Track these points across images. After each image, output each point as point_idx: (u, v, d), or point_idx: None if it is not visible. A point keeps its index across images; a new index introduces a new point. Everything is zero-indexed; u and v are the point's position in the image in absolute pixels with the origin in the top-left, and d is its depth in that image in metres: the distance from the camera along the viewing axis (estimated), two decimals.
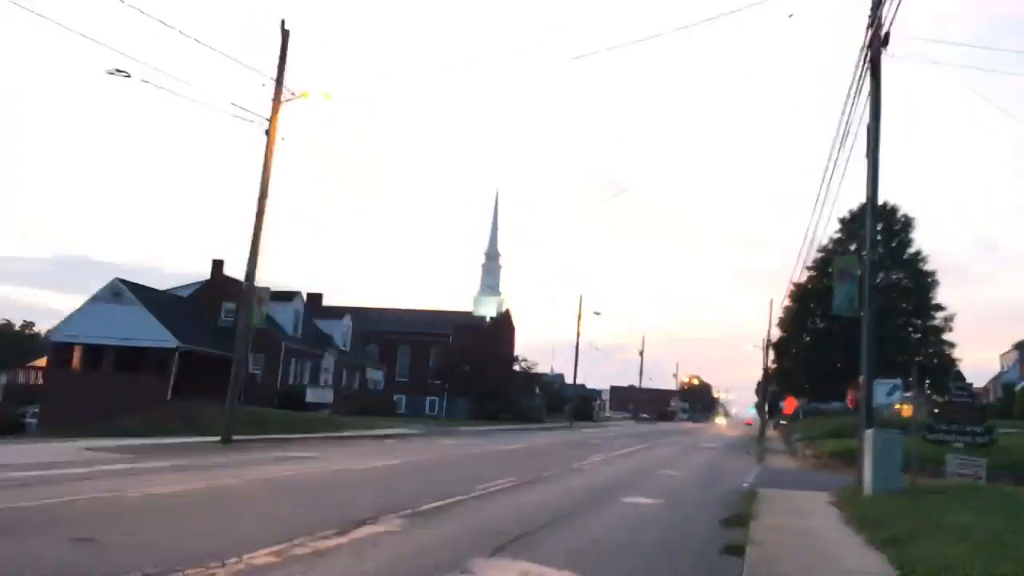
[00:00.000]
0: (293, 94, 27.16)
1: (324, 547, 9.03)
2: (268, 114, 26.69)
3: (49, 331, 49.23)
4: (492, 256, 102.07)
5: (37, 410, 49.21)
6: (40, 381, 61.55)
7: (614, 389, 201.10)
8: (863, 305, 17.44)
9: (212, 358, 48.93)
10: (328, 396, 50.23)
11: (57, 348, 48.42)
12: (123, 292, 47.34)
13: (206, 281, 53.55)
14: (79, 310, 47.85)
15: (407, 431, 38.29)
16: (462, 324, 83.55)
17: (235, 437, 26.39)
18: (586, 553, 9.70)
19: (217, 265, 53.41)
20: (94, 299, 47.52)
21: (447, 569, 8.29)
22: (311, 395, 48.94)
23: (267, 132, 26.65)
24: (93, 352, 47.84)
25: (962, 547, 9.06)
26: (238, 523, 10.43)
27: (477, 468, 20.91)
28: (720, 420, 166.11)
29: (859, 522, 12.45)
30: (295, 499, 13.07)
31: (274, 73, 26.70)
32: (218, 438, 25.55)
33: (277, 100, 26.76)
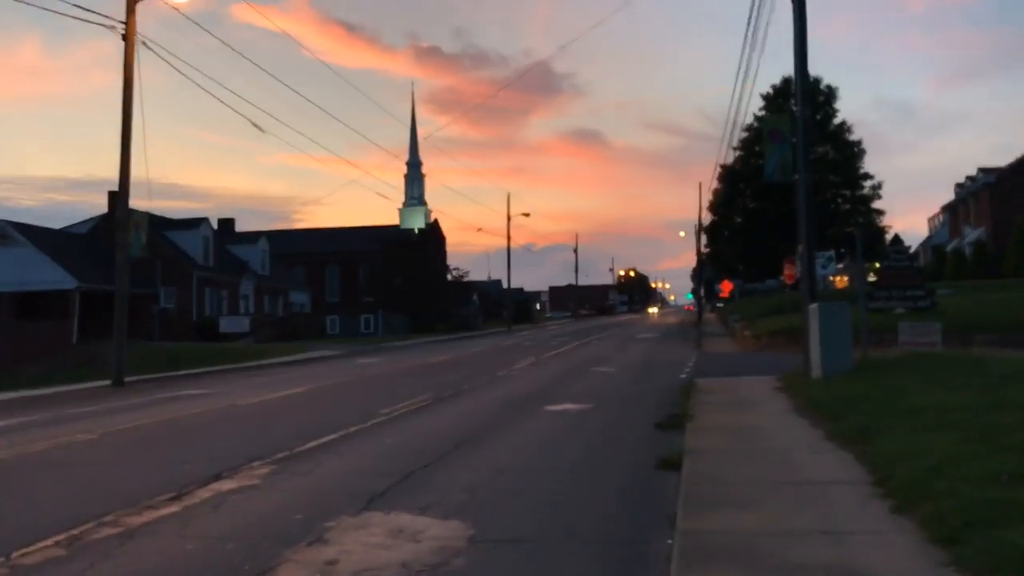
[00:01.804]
0: None
1: (144, 520, 6.95)
2: (124, 15, 23.42)
3: None
4: (414, 164, 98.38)
5: None
6: None
7: (552, 290, 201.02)
8: (798, 167, 15.56)
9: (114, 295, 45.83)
10: (244, 324, 47.60)
11: None
12: (11, 234, 43.64)
13: (104, 215, 49.81)
14: None
15: (328, 353, 36.13)
16: (390, 238, 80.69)
17: (130, 379, 23.99)
18: (485, 489, 7.77)
19: (112, 196, 49.58)
20: None
21: (297, 537, 6.28)
22: (225, 324, 46.30)
23: (124, 36, 23.41)
24: None
25: (943, 437, 7.33)
26: (47, 497, 8.24)
27: (389, 389, 18.93)
28: (653, 310, 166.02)
29: (813, 411, 10.76)
30: (150, 452, 10.90)
31: None
32: (109, 382, 23.12)
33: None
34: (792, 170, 15.88)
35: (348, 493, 7.74)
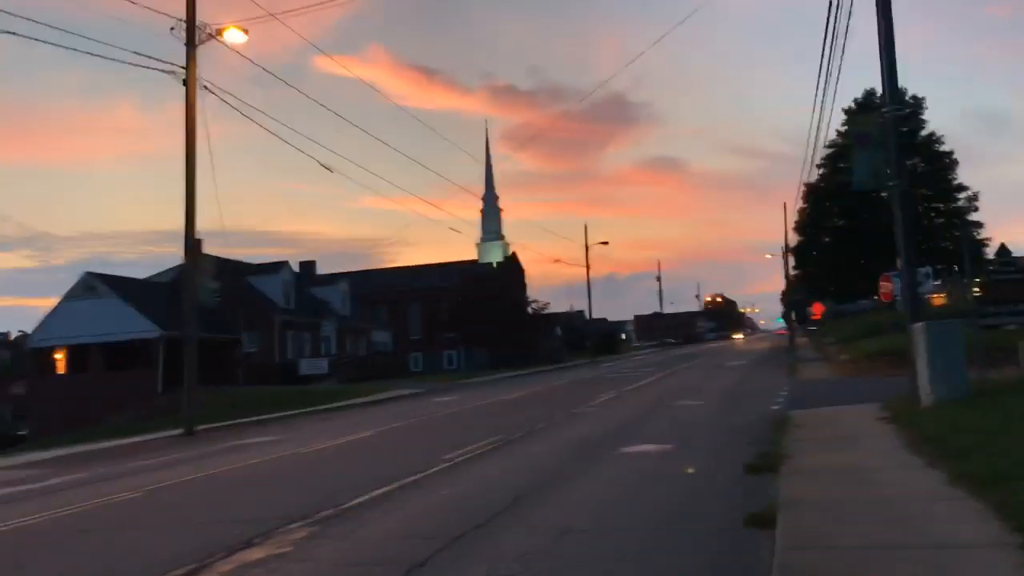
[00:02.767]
0: (210, 35, 23.81)
1: None
2: (184, 61, 23.34)
3: (25, 336, 46.52)
4: (489, 199, 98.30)
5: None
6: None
7: (638, 319, 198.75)
8: (894, 172, 14.04)
9: (200, 342, 46.18)
10: (323, 366, 47.38)
11: (36, 354, 45.78)
12: (97, 286, 44.46)
13: (183, 264, 50.47)
14: (53, 311, 45.09)
15: (406, 392, 35.42)
16: (469, 273, 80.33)
17: (204, 427, 23.61)
18: (541, 559, 6.60)
19: (197, 244, 50.27)
20: (68, 297, 44.70)
21: None
22: (304, 367, 46.15)
23: (185, 81, 23.32)
24: (75, 353, 45.22)
25: None
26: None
27: (458, 430, 17.90)
28: (737, 336, 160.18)
29: (929, 448, 9.28)
30: (187, 513, 10.07)
31: (182, 14, 23.28)
32: (181, 431, 22.73)
33: (191, 44, 23.36)
34: (884, 176, 14.37)
35: (385, 562, 6.69)
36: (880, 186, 14.58)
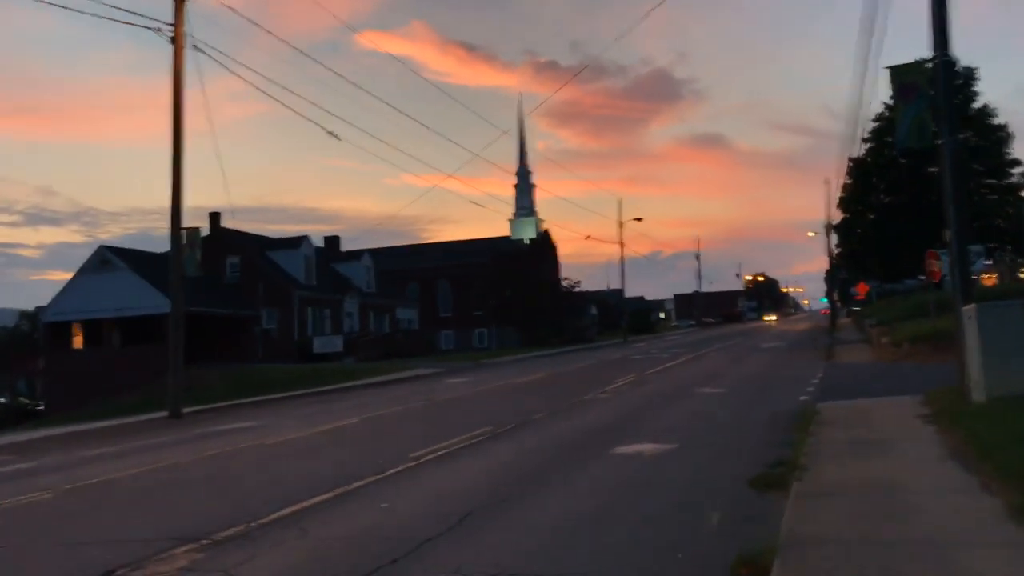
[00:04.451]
0: None
1: None
2: (172, 17, 21.75)
3: (41, 310, 45.82)
4: (522, 175, 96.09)
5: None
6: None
7: (678, 298, 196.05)
8: (943, 127, 11.96)
9: (218, 318, 45.19)
10: (338, 344, 46.00)
11: (51, 327, 45.04)
12: (111, 260, 43.53)
13: (206, 236, 49.34)
14: (68, 285, 44.26)
15: (422, 372, 33.86)
16: (501, 250, 78.51)
17: (196, 408, 22.30)
18: None
19: (214, 218, 49.22)
20: (82, 271, 43.85)
21: None
22: (318, 344, 44.80)
23: (173, 39, 21.74)
24: (90, 327, 44.41)
25: None
26: None
27: (447, 419, 16.24)
28: (770, 317, 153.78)
29: (982, 459, 7.37)
30: (80, 524, 8.50)
31: None
32: (166, 413, 21.36)
33: None
34: (932, 133, 12.32)
35: None
36: (926, 144, 12.51)
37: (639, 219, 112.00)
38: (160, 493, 9.96)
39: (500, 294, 71.62)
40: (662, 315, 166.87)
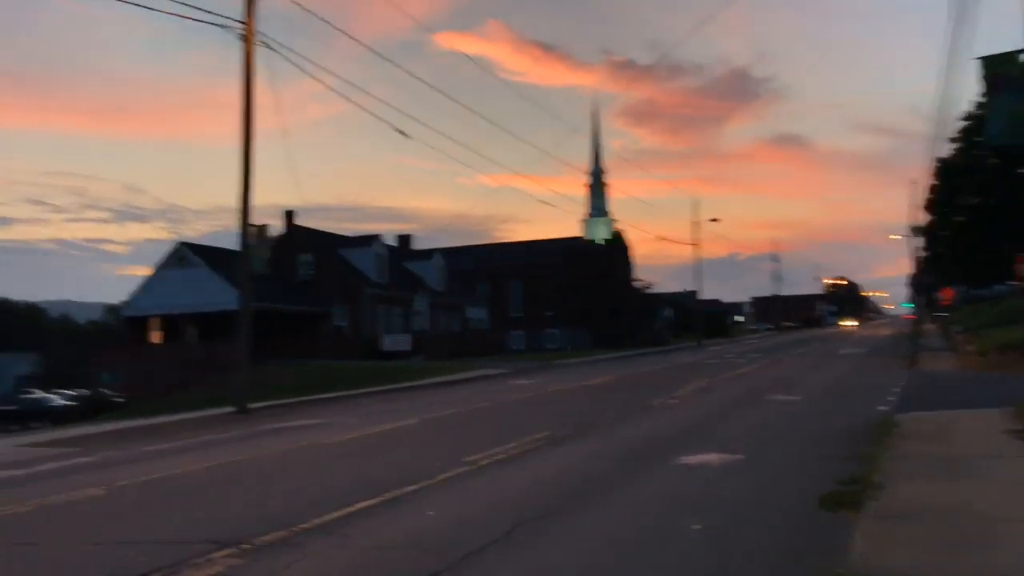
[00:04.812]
0: None
1: None
2: (243, 15, 21.90)
3: (120, 304, 47.10)
4: (596, 175, 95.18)
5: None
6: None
7: (755, 301, 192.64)
8: None
9: (290, 314, 45.77)
10: (406, 342, 46.12)
11: (131, 322, 46.25)
12: (188, 257, 44.48)
13: (280, 234, 50.12)
14: (148, 281, 45.38)
15: (489, 372, 33.62)
16: (573, 250, 77.91)
17: (262, 403, 22.39)
18: None
19: (288, 216, 49.92)
20: (161, 267, 44.92)
21: None
22: (387, 342, 44.98)
23: (243, 36, 21.89)
24: (167, 322, 45.44)
25: None
26: None
27: (508, 422, 15.92)
28: (848, 323, 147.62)
29: None
30: (124, 522, 8.40)
31: None
32: (233, 408, 21.51)
33: None
34: None
35: None
36: (1021, 140, 11.70)
37: (715, 220, 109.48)
38: (210, 492, 9.84)
39: (572, 295, 71.08)
40: (738, 318, 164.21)
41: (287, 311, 44.96)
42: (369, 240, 51.18)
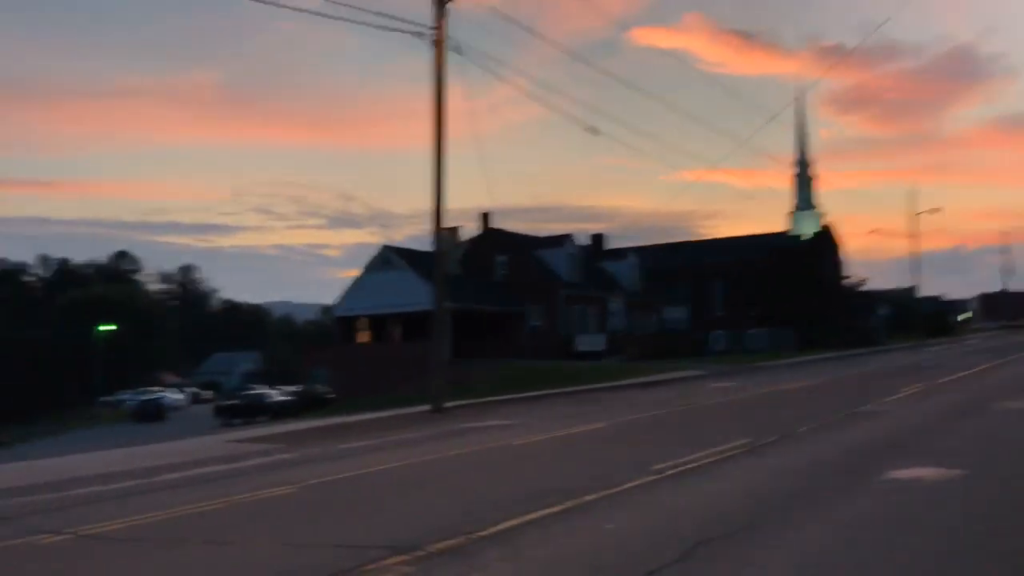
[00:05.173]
0: None
1: None
2: (432, 20, 22.35)
3: (332, 305, 49.66)
4: (802, 166, 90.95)
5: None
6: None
7: (985, 298, 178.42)
8: None
9: (487, 314, 46.63)
10: (600, 342, 45.71)
11: (340, 322, 48.70)
12: (392, 259, 46.29)
13: (473, 238, 51.19)
14: (355, 282, 47.63)
15: (687, 374, 32.68)
16: (778, 246, 74.71)
17: (453, 404, 22.74)
18: None
19: (484, 217, 50.94)
20: (367, 270, 47.03)
21: None
22: (581, 343, 44.78)
23: (435, 42, 22.33)
24: (374, 322, 47.48)
25: None
26: None
27: (702, 427, 15.21)
28: None
29: None
30: (308, 524, 8.52)
31: None
32: (429, 407, 21.97)
33: (441, 1, 22.29)
34: None
35: None
36: None
37: (935, 210, 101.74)
38: (393, 493, 9.89)
39: (777, 293, 68.19)
40: (964, 316, 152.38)
41: (484, 311, 45.84)
42: (562, 240, 51.29)
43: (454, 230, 23.90)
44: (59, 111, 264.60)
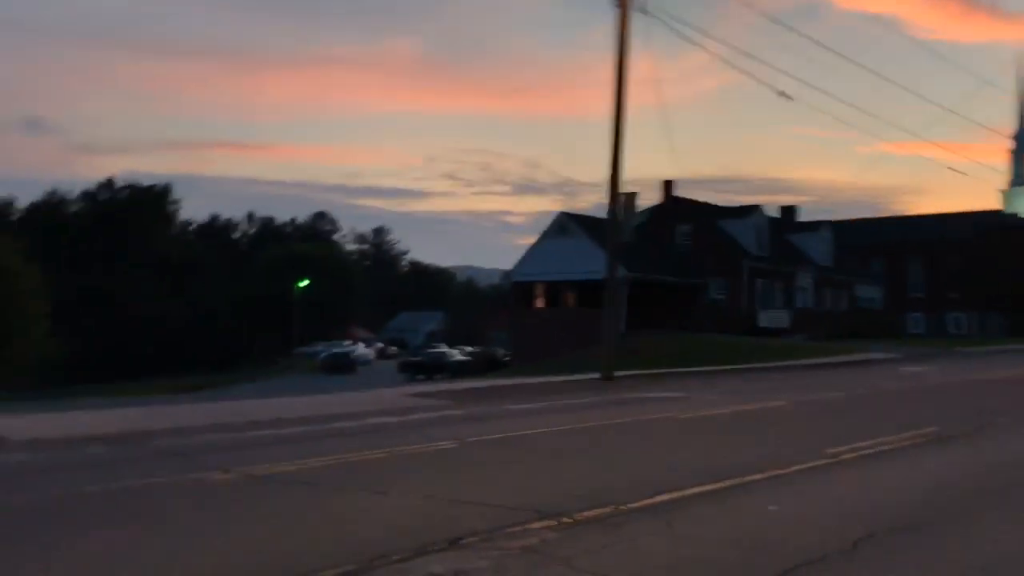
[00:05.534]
0: None
1: None
2: None
3: (510, 271, 50.27)
4: (1021, 139, 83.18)
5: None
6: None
7: None
8: None
9: (667, 285, 45.79)
10: (784, 319, 43.76)
11: (517, 287, 49.19)
12: (569, 226, 46.19)
13: (656, 205, 50.19)
14: (532, 248, 47.93)
15: (876, 356, 30.78)
16: (989, 225, 69.05)
17: (623, 373, 22.43)
18: None
19: (667, 186, 49.83)
20: (544, 236, 47.18)
21: None
22: (764, 319, 43.03)
23: (618, 2, 21.80)
24: (549, 288, 47.67)
25: None
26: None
27: (886, 412, 14.20)
28: None
29: None
30: (470, 478, 8.52)
31: None
32: (599, 375, 21.78)
33: None
34: None
35: None
36: None
37: None
38: (548, 456, 9.79)
39: (984, 275, 63.16)
40: None
41: (663, 282, 45.01)
42: (750, 211, 49.39)
43: (631, 197, 23.48)
44: (268, 79, 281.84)
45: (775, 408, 14.85)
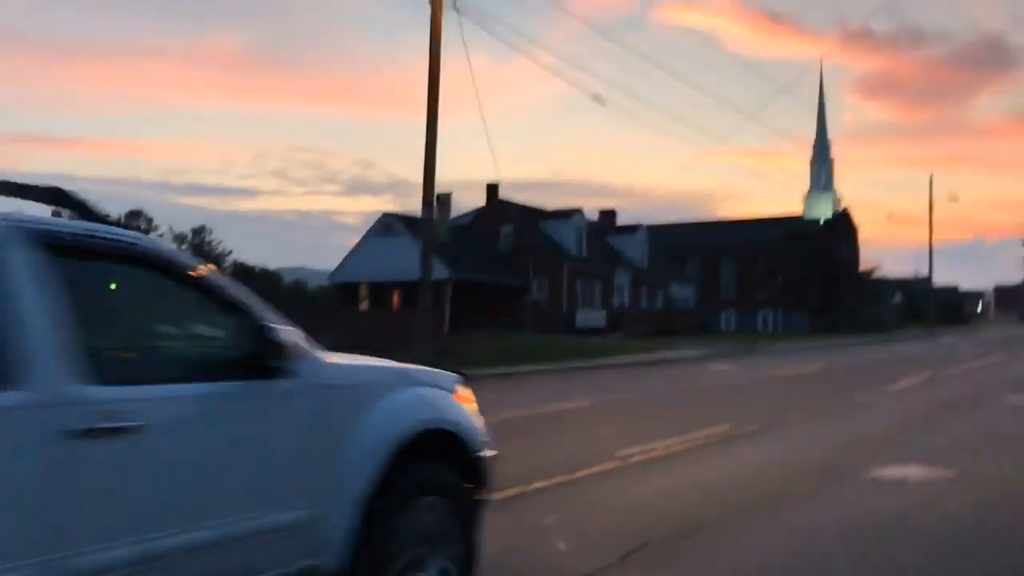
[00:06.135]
0: None
1: None
2: None
3: (333, 271, 48.98)
4: (820, 148, 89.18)
5: None
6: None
7: (998, 291, 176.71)
8: None
9: (490, 286, 45.82)
10: (600, 318, 44.82)
11: (340, 288, 48.01)
12: (394, 226, 45.46)
13: (481, 208, 50.26)
14: (355, 248, 46.89)
15: (686, 354, 31.79)
16: (791, 230, 73.41)
17: None
18: None
19: (491, 189, 49.93)
20: (368, 236, 46.24)
21: None
22: (582, 318, 43.90)
23: (431, 1, 21.35)
24: (373, 289, 46.73)
25: None
26: None
27: (684, 410, 14.41)
28: None
29: None
30: None
31: None
32: None
33: None
34: None
35: None
36: None
37: (955, 199, 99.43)
38: None
39: (788, 276, 67.07)
40: (979, 308, 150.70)
41: (487, 282, 45.02)
42: (570, 214, 50.24)
43: (446, 197, 23.05)
44: (83, 71, 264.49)
45: (578, 408, 14.79)
